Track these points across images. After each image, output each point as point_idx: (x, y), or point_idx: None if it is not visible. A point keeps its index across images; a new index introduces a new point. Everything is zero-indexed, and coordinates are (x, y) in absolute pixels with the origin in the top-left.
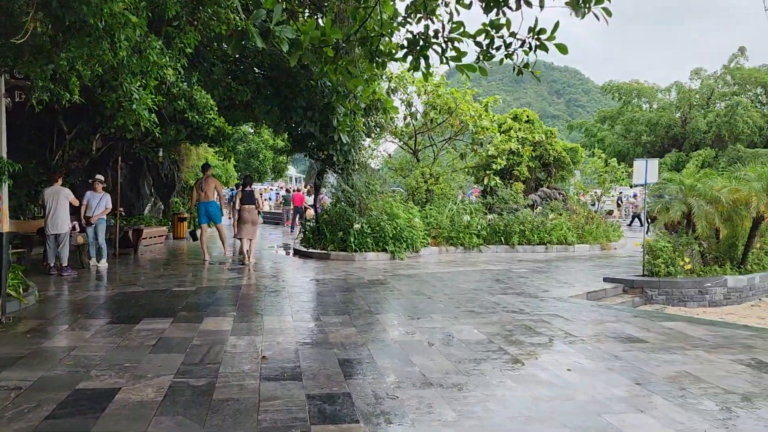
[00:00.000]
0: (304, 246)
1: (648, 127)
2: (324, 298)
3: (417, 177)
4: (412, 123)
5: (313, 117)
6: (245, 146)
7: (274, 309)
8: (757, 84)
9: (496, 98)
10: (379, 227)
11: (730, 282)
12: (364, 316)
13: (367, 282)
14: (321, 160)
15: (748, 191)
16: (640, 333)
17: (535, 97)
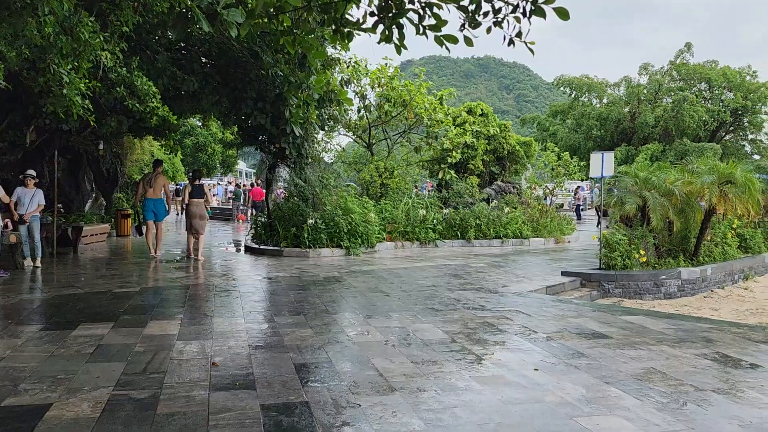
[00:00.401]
0: (255, 242)
1: (598, 122)
2: (277, 297)
3: (371, 171)
4: (366, 116)
5: (264, 108)
6: (193, 139)
7: (225, 310)
8: (702, 79)
9: (450, 91)
10: (334, 222)
11: (684, 274)
12: (320, 316)
13: (323, 279)
14: (273, 153)
15: (701, 184)
16: (602, 328)
17: (485, 92)
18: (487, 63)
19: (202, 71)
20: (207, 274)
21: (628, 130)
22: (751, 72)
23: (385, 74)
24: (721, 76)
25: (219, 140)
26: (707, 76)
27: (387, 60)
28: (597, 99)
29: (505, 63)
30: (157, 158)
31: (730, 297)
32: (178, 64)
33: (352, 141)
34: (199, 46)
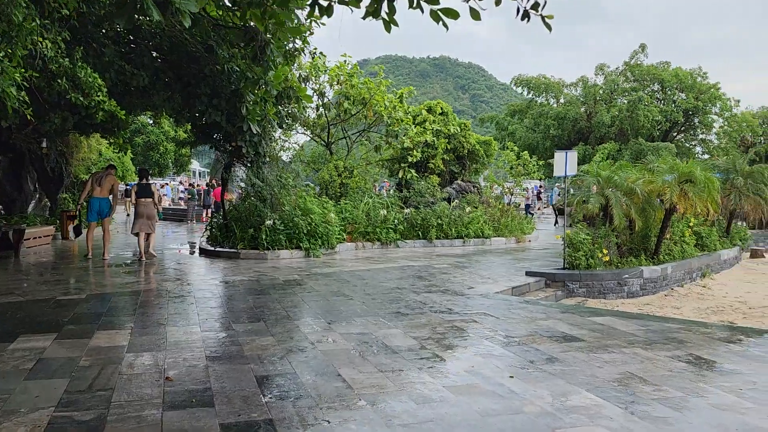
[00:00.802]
0: (210, 244)
1: (556, 121)
2: (235, 303)
3: (331, 170)
4: (325, 114)
5: (219, 105)
6: (144, 138)
7: (179, 318)
8: (655, 80)
9: (410, 89)
10: (293, 223)
11: (646, 273)
12: (281, 323)
13: (282, 283)
14: (228, 152)
15: (662, 183)
16: (573, 330)
17: (441, 92)
18: (442, 63)
19: (152, 66)
20: (159, 278)
21: (585, 129)
22: (701, 73)
23: (345, 71)
24: (674, 77)
25: (171, 139)
26: (660, 76)
27: (346, 57)
28: (554, 99)
29: (460, 63)
30: (111, 163)
31: (689, 295)
32: (127, 58)
33: (310, 140)
34: (149, 39)
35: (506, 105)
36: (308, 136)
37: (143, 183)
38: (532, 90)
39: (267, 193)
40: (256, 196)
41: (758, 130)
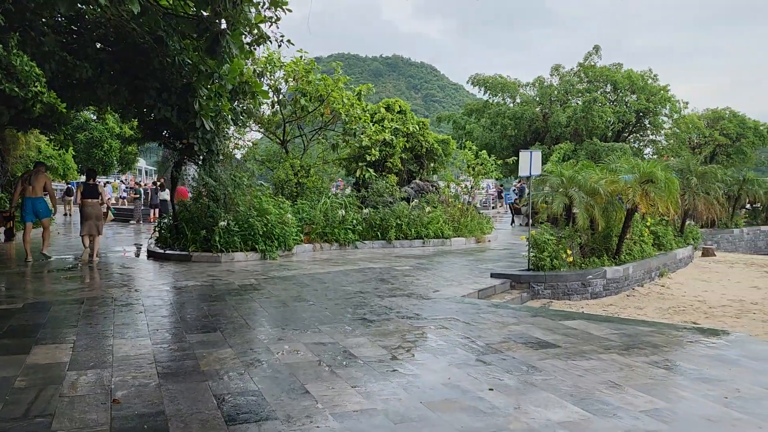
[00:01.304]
0: (160, 247)
1: (513, 121)
2: (189, 310)
3: (287, 169)
4: (281, 111)
5: (169, 100)
6: (87, 134)
7: (128, 329)
8: (607, 81)
9: (369, 86)
10: (248, 224)
11: (609, 273)
12: (240, 332)
13: (239, 288)
14: (179, 150)
15: (625, 183)
16: (547, 336)
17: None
18: (395, 62)
19: (97, 57)
20: (105, 284)
21: (541, 129)
22: (652, 75)
23: (301, 67)
24: (626, 79)
25: (117, 136)
26: (613, 78)
27: (302, 53)
28: (510, 99)
29: (412, 63)
30: (38, 160)
31: (650, 295)
32: (69, 48)
33: (264, 137)
34: (93, 29)
35: (463, 104)
36: (262, 133)
37: (90, 183)
38: (489, 89)
39: (220, 192)
40: (209, 196)
41: (705, 131)
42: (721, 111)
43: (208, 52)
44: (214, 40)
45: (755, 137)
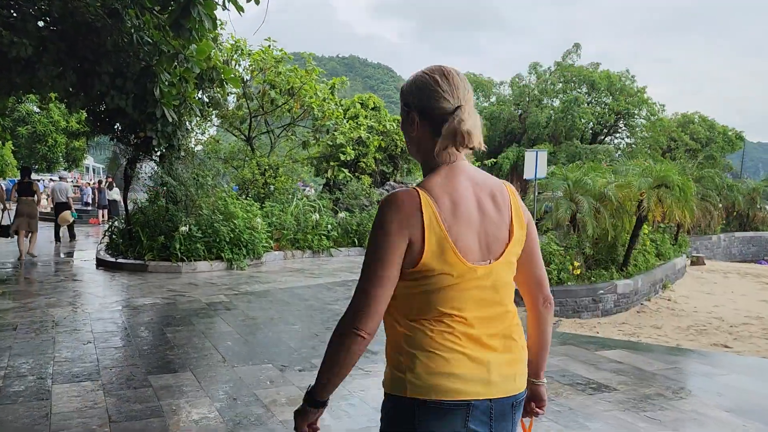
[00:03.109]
0: (110, 254)
1: (489, 121)
2: (149, 339)
3: (253, 168)
4: (247, 104)
5: (124, 86)
6: (29, 128)
7: (71, 367)
8: (584, 82)
9: (343, 79)
10: (212, 230)
11: (620, 287)
12: (216, 372)
13: (206, 306)
14: (134, 144)
15: (638, 188)
16: (592, 373)
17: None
18: (352, 63)
19: (39, 35)
20: (44, 302)
21: (518, 130)
22: (629, 77)
23: (270, 57)
24: (604, 79)
25: (63, 130)
26: (591, 78)
27: (270, 42)
28: (484, 98)
29: (369, 63)
30: None
31: (661, 311)
32: (6, 23)
33: (225, 132)
34: (33, 2)
35: None
36: (225, 128)
37: (25, 181)
38: None
39: (181, 193)
40: (168, 197)
41: (682, 135)
42: (691, 115)
43: (173, 28)
44: (183, 10)
45: (724, 142)
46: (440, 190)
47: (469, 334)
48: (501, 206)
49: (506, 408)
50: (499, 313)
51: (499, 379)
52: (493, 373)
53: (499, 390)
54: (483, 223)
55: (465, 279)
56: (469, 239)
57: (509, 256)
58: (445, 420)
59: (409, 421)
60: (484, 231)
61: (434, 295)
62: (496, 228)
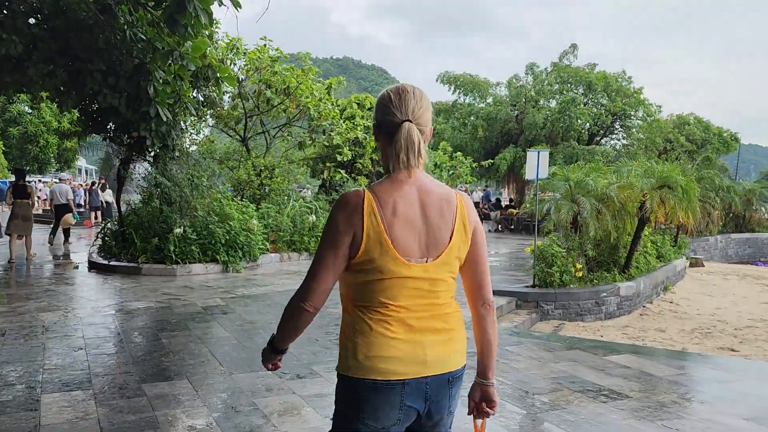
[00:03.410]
0: (103, 257)
1: (486, 122)
2: (143, 344)
3: (248, 169)
4: (243, 104)
5: (117, 85)
6: (20, 129)
7: (61, 376)
8: (581, 82)
9: (340, 79)
10: (208, 231)
11: (623, 290)
12: (214, 379)
13: (202, 310)
14: (127, 145)
15: (641, 189)
16: (603, 379)
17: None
18: (346, 64)
19: (29, 32)
20: (35, 306)
21: (514, 131)
22: (626, 78)
23: (266, 56)
24: (601, 80)
25: (55, 131)
26: (587, 79)
27: (267, 41)
28: (481, 98)
29: (363, 65)
30: None
31: (663, 313)
32: None
33: (220, 133)
34: None
35: (433, 104)
36: (220, 128)
37: (20, 184)
38: (459, 88)
39: (175, 194)
40: (162, 199)
41: (678, 136)
42: (686, 116)
43: (168, 24)
44: (178, 5)
45: (719, 143)
46: (386, 193)
47: (404, 322)
48: (445, 213)
49: (442, 383)
50: (434, 305)
51: (433, 359)
52: (428, 355)
53: (434, 368)
54: (424, 227)
55: (401, 273)
56: (408, 239)
57: (447, 257)
58: (383, 396)
59: (354, 397)
60: (425, 233)
61: (375, 286)
62: (438, 232)
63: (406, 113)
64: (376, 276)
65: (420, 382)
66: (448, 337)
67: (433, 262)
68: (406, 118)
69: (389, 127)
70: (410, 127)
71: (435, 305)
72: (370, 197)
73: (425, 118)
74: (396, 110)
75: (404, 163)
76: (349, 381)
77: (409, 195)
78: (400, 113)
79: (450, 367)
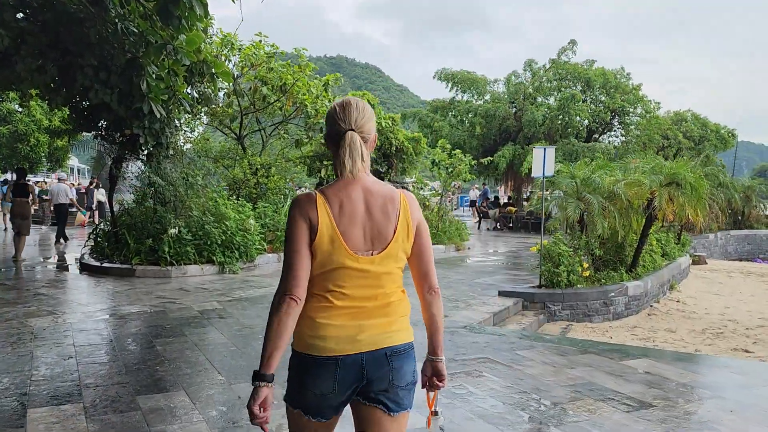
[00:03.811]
0: (95, 258)
1: (484, 119)
2: (136, 352)
3: (244, 168)
4: (238, 102)
5: (108, 80)
6: (10, 128)
7: (49, 385)
8: (579, 79)
9: (337, 76)
10: (203, 232)
11: (631, 289)
12: (213, 390)
13: (198, 314)
14: (119, 143)
15: (650, 186)
16: (622, 386)
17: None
18: (339, 62)
19: (17, 26)
20: (23, 310)
21: (513, 128)
22: (624, 74)
23: (261, 53)
24: (600, 77)
25: (46, 129)
26: (587, 75)
27: (262, 37)
28: (479, 95)
29: (357, 63)
30: None
31: (671, 313)
32: None
33: (215, 131)
34: None
35: (430, 101)
36: (215, 126)
37: (20, 182)
38: (457, 85)
39: (170, 194)
40: (156, 198)
41: (676, 133)
42: (683, 113)
43: (161, 16)
44: None
45: (717, 140)
46: (334, 194)
47: (347, 307)
48: (389, 212)
49: (380, 357)
50: (378, 293)
51: (367, 338)
52: (363, 335)
53: (368, 346)
54: (369, 223)
55: (349, 264)
56: (355, 234)
57: (392, 251)
58: (321, 368)
59: (299, 368)
60: (370, 229)
61: (325, 275)
62: (382, 228)
63: (350, 123)
64: (327, 267)
65: (355, 358)
66: (387, 319)
67: (379, 254)
68: (350, 128)
69: (336, 136)
70: (353, 136)
71: (380, 294)
72: (321, 197)
73: (368, 127)
74: (341, 121)
75: (349, 167)
76: (297, 355)
77: (355, 195)
78: (344, 123)
79: (386, 343)
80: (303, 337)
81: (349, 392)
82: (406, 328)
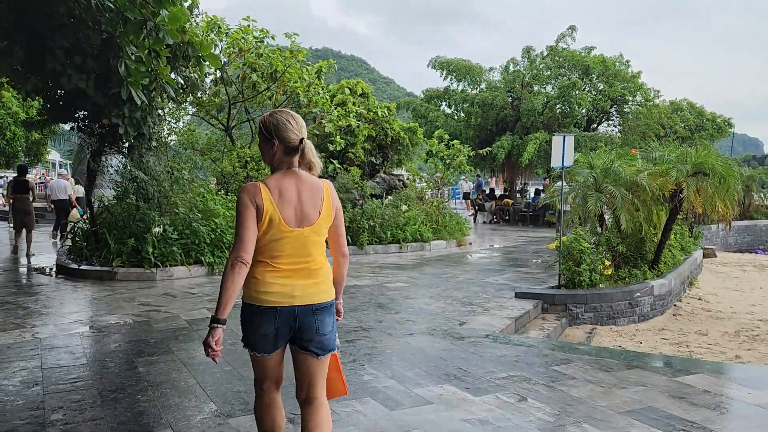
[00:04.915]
0: (73, 260)
1: (481, 108)
2: (114, 374)
3: (233, 161)
4: (226, 90)
5: (83, 64)
6: None
7: (3, 425)
8: (578, 66)
9: (331, 62)
10: (190, 230)
11: (656, 288)
12: (210, 429)
13: (186, 324)
14: (98, 134)
15: (677, 176)
16: (691, 413)
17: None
18: (325, 55)
19: None
20: None
21: (510, 117)
22: (623, 62)
23: (251, 37)
24: (599, 64)
25: (22, 122)
26: (585, 62)
27: (250, 21)
28: (474, 84)
29: (343, 56)
30: None
31: (696, 312)
32: None
33: (201, 122)
34: None
35: (425, 90)
36: (201, 117)
37: (20, 179)
38: (452, 73)
39: (153, 189)
40: (138, 194)
41: (674, 120)
42: (679, 102)
43: None
44: None
45: (713, 129)
46: (274, 183)
47: (283, 270)
48: (315, 197)
49: (308, 310)
50: (307, 260)
51: (300, 294)
52: (297, 292)
53: (301, 301)
54: (299, 205)
55: (284, 236)
56: (289, 213)
57: (317, 227)
58: (264, 316)
59: (248, 315)
60: (300, 210)
61: (268, 245)
62: (309, 209)
63: (303, 133)
64: (270, 238)
65: (290, 309)
66: (314, 281)
67: (307, 228)
68: (304, 136)
69: (292, 142)
70: (308, 142)
71: (308, 261)
72: (264, 186)
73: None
74: (296, 130)
75: (289, 164)
76: (247, 305)
77: (290, 185)
78: (299, 133)
79: (314, 300)
80: (252, 293)
81: (285, 333)
82: (329, 289)
